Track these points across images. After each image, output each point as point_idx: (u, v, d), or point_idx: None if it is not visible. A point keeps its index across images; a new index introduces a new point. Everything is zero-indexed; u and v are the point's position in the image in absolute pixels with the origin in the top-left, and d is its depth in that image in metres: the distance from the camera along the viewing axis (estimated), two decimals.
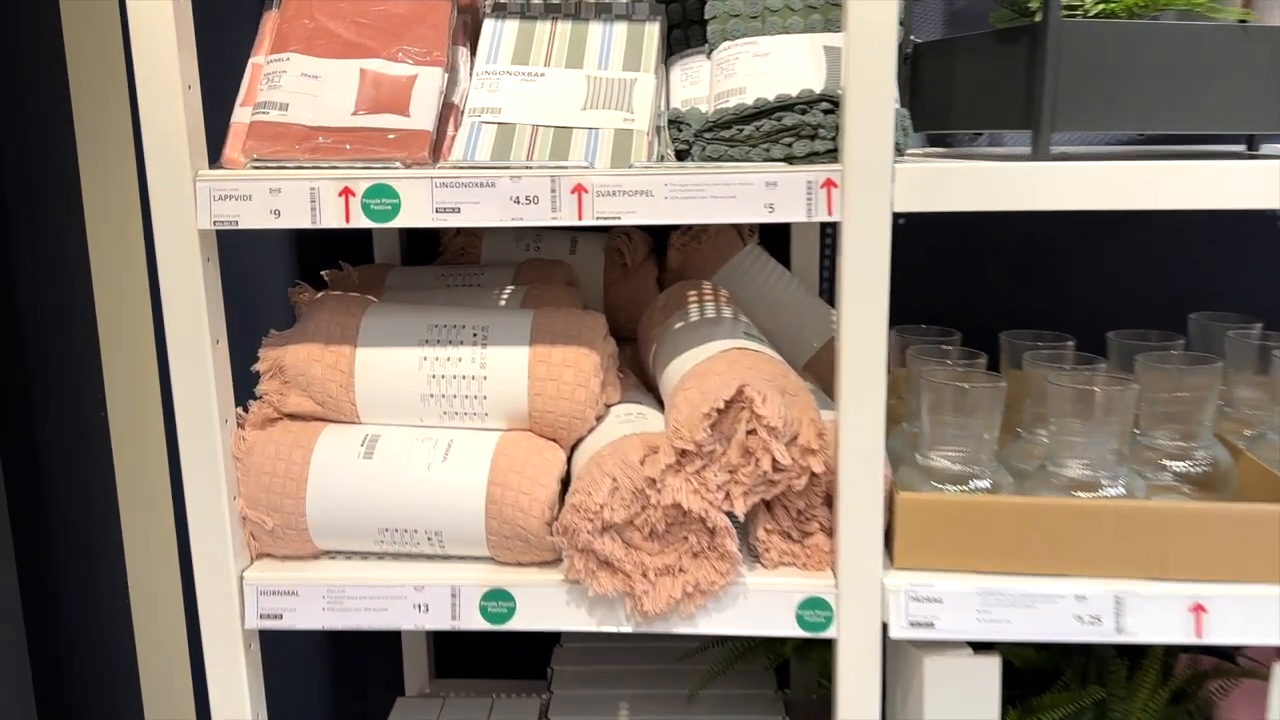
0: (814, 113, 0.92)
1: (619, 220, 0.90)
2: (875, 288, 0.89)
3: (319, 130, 0.96)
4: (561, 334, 1.03)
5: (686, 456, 0.92)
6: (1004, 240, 1.44)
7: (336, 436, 1.01)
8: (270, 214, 0.91)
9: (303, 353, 1.02)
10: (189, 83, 0.91)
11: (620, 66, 1.03)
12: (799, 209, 0.89)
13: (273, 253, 1.51)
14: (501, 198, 0.91)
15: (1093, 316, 1.44)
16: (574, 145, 0.97)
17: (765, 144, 0.93)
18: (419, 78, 0.99)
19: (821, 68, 0.97)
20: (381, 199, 0.91)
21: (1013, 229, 1.42)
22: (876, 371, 0.91)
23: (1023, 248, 1.45)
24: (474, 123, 0.98)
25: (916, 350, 1.13)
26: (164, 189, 0.91)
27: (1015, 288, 1.45)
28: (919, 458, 1.04)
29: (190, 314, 0.94)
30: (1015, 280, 1.46)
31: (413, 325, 1.04)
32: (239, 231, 0.92)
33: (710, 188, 0.89)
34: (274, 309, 1.39)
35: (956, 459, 1.02)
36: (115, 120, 1.46)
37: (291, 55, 0.99)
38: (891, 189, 0.88)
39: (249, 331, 1.05)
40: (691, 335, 1.05)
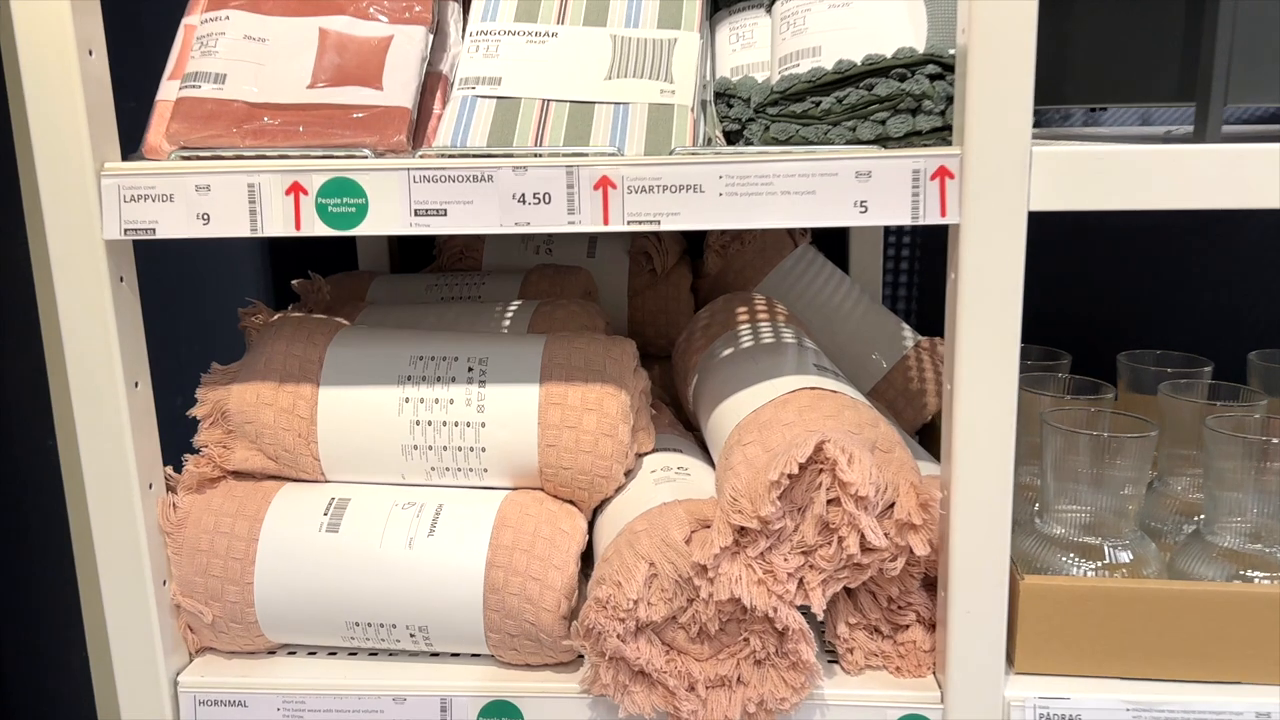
0: (917, 78, 0.69)
1: (657, 225, 0.68)
2: (1004, 313, 0.67)
3: (264, 108, 0.73)
4: (581, 367, 0.80)
5: (747, 535, 0.70)
6: (1109, 234, 1.21)
7: (294, 502, 0.79)
8: (197, 219, 0.69)
9: (251, 394, 0.80)
10: (89, 45, 0.68)
11: (654, 23, 0.80)
12: (901, 208, 0.66)
13: (238, 256, 1.28)
14: (501, 196, 0.68)
15: (1218, 330, 1.21)
16: (597, 125, 0.74)
17: (851, 120, 0.71)
18: (395, 40, 0.76)
19: (921, 19, 0.74)
20: (342, 198, 0.69)
21: (1118, 220, 1.18)
22: (1004, 421, 0.68)
23: (1131, 242, 1.21)
24: (466, 97, 0.76)
25: (1023, 379, 0.90)
26: (57, 187, 0.69)
27: (1121, 294, 1.22)
28: (1037, 521, 0.82)
29: (96, 350, 0.71)
30: (1120, 283, 1.22)
31: (391, 357, 0.81)
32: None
33: (780, 180, 0.67)
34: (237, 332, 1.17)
35: (1089, 525, 0.80)
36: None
37: (232, 13, 0.76)
38: (1028, 181, 0.65)
39: (203, 363, 0.84)
40: (747, 368, 0.82)
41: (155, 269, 0.73)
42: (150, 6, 1.00)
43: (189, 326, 1.25)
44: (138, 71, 0.84)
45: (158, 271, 0.74)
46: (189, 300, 1.19)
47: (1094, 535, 0.79)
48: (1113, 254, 1.21)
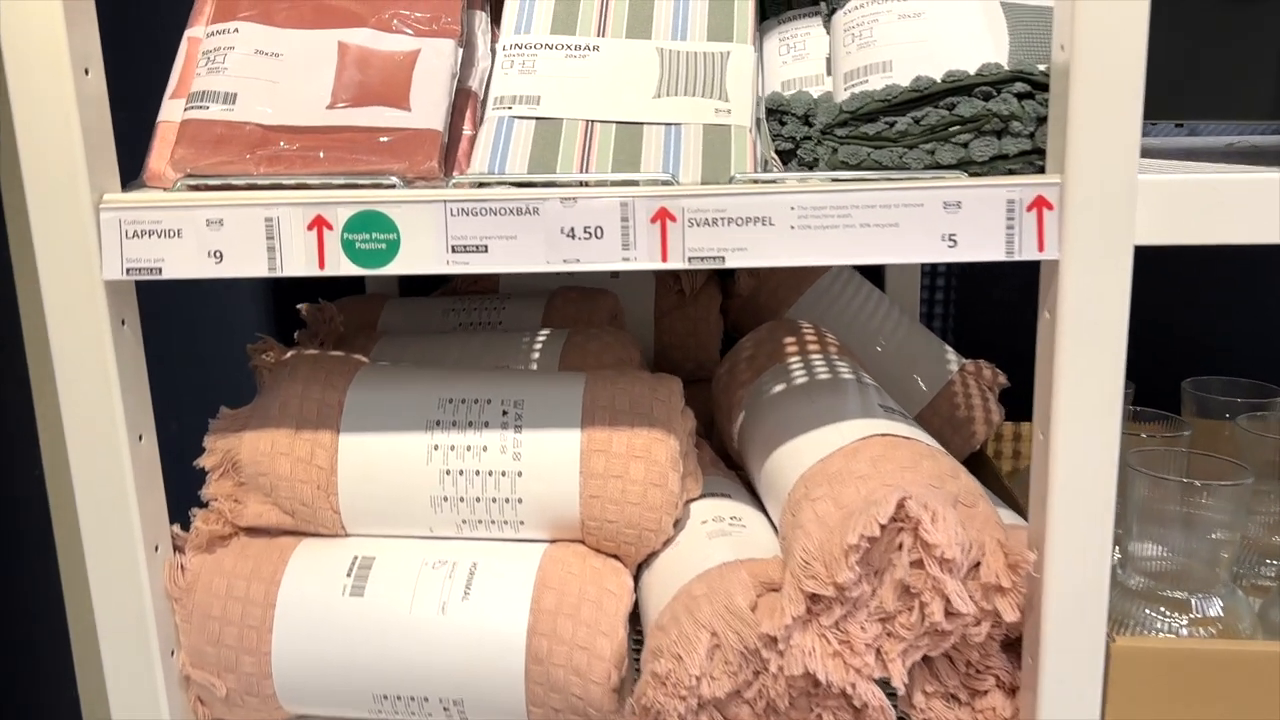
0: (1004, 98, 0.63)
1: (722, 262, 0.61)
2: (1107, 359, 0.60)
3: (280, 131, 0.66)
4: (626, 410, 0.74)
5: (821, 602, 0.63)
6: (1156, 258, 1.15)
7: (313, 561, 0.72)
8: (209, 257, 0.62)
9: (265, 442, 0.73)
10: (85, 63, 0.61)
11: (704, 35, 0.73)
12: (994, 242, 0.60)
13: (244, 281, 1.21)
14: (549, 230, 0.61)
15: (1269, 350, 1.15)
16: (647, 149, 0.67)
17: (929, 143, 0.64)
18: (422, 54, 0.69)
19: (1001, 32, 0.67)
20: (371, 233, 0.62)
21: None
22: (1105, 476, 0.62)
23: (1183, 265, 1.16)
24: (502, 117, 0.69)
25: None
26: (50, 222, 0.62)
27: (1178, 318, 1.16)
28: (1117, 572, 0.75)
29: (96, 401, 0.64)
30: (1176, 307, 1.16)
31: (418, 400, 0.74)
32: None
33: (859, 212, 0.60)
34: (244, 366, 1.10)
35: (1175, 576, 0.74)
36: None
37: (241, 25, 0.69)
38: (1134, 213, 0.59)
39: (204, 402, 0.77)
40: (804, 409, 0.76)
41: (142, 287, 0.66)
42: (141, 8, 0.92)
43: (180, 345, 1.17)
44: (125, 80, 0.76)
45: (143, 290, 0.66)
46: (178, 319, 1.12)
47: (1181, 588, 0.74)
48: (1167, 277, 1.15)
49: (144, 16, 0.92)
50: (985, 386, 1.06)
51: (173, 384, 0.98)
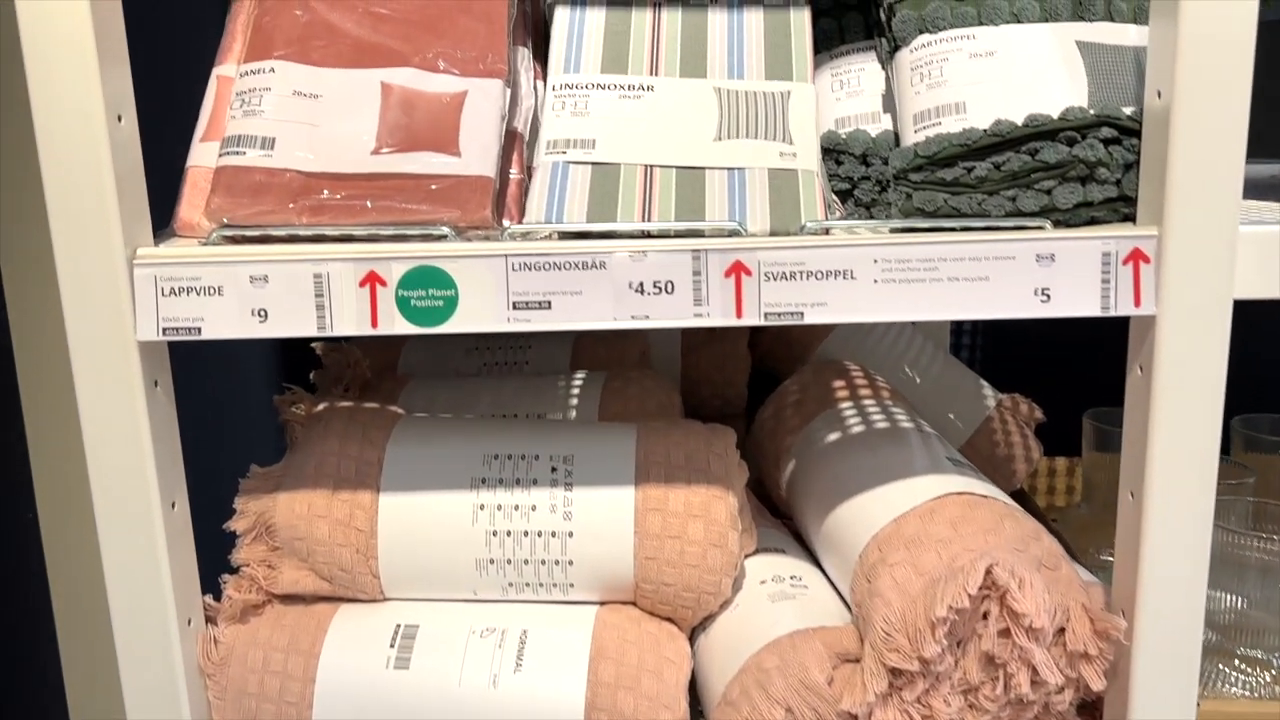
0: (1090, 143, 0.60)
1: (800, 318, 0.58)
2: (1205, 417, 0.57)
3: (323, 179, 0.62)
4: (682, 465, 0.70)
5: (903, 676, 0.60)
6: None
7: (353, 631, 0.68)
8: (252, 316, 0.58)
9: (301, 504, 0.68)
10: (119, 109, 0.57)
11: (761, 73, 0.70)
12: (1089, 297, 0.57)
13: None
14: (616, 285, 0.58)
15: None
16: (711, 195, 0.64)
17: (1010, 190, 0.61)
18: (469, 96, 0.66)
19: (1080, 73, 0.64)
20: (428, 290, 0.58)
21: None
22: (1199, 538, 0.59)
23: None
24: (557, 163, 0.65)
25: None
26: (81, 279, 0.57)
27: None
28: None
29: (127, 467, 0.60)
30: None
31: (461, 456, 0.71)
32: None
33: (947, 265, 0.57)
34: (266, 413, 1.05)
35: (1255, 632, 0.71)
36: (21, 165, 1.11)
37: (277, 64, 0.65)
38: (1234, 266, 0.56)
39: (223, 452, 0.72)
40: (865, 462, 0.73)
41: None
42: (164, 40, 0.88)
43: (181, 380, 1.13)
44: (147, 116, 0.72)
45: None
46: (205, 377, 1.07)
47: (1259, 645, 0.71)
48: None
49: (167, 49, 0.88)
50: (1022, 422, 1.03)
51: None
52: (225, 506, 0.70)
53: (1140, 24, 0.66)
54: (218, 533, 0.70)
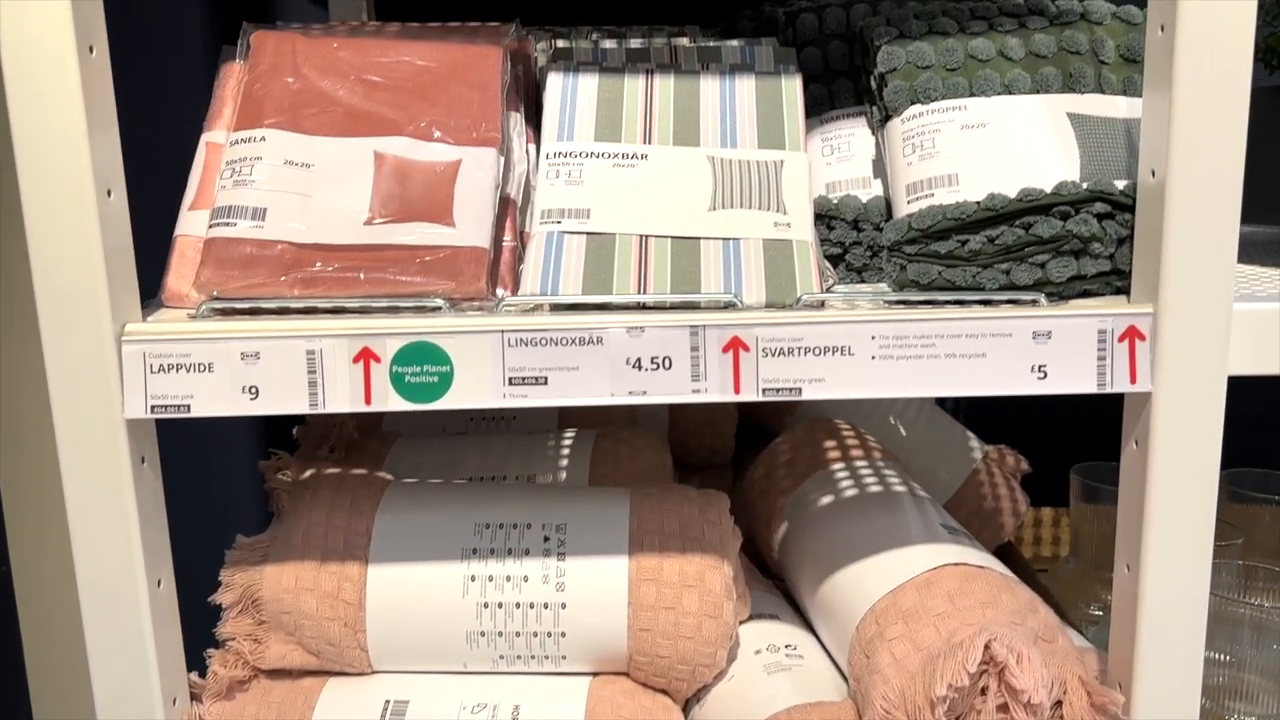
0: (1083, 217, 0.60)
1: (800, 393, 0.58)
2: (1199, 492, 0.58)
3: (315, 250, 0.62)
4: (676, 534, 0.69)
5: None
6: None
7: (342, 705, 0.67)
8: (243, 393, 0.57)
9: (288, 577, 0.67)
10: (108, 184, 0.56)
11: (754, 142, 0.70)
12: (1085, 374, 0.57)
13: None
14: (613, 360, 0.57)
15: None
16: (706, 266, 0.64)
17: (1005, 263, 0.61)
18: (464, 165, 0.65)
19: (1071, 145, 0.65)
20: (422, 366, 0.57)
21: None
22: (1196, 612, 0.59)
23: None
24: (552, 233, 0.65)
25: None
26: (68, 356, 0.56)
27: None
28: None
29: (113, 545, 0.59)
30: None
31: (451, 525, 0.70)
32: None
33: (944, 341, 0.57)
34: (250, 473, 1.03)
35: (1240, 694, 0.71)
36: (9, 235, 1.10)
37: (268, 132, 0.65)
38: (1229, 342, 0.56)
39: (205, 509, 0.71)
40: (860, 528, 0.72)
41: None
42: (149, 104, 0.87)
43: (162, 438, 1.11)
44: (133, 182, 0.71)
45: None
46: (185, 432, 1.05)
47: (1253, 711, 0.71)
48: None
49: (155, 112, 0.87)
50: (1009, 474, 1.03)
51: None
52: (209, 570, 0.69)
53: (1130, 96, 0.67)
54: (201, 602, 0.69)
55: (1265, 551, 0.99)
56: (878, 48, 0.70)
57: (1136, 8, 0.71)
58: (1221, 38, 0.53)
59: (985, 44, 0.69)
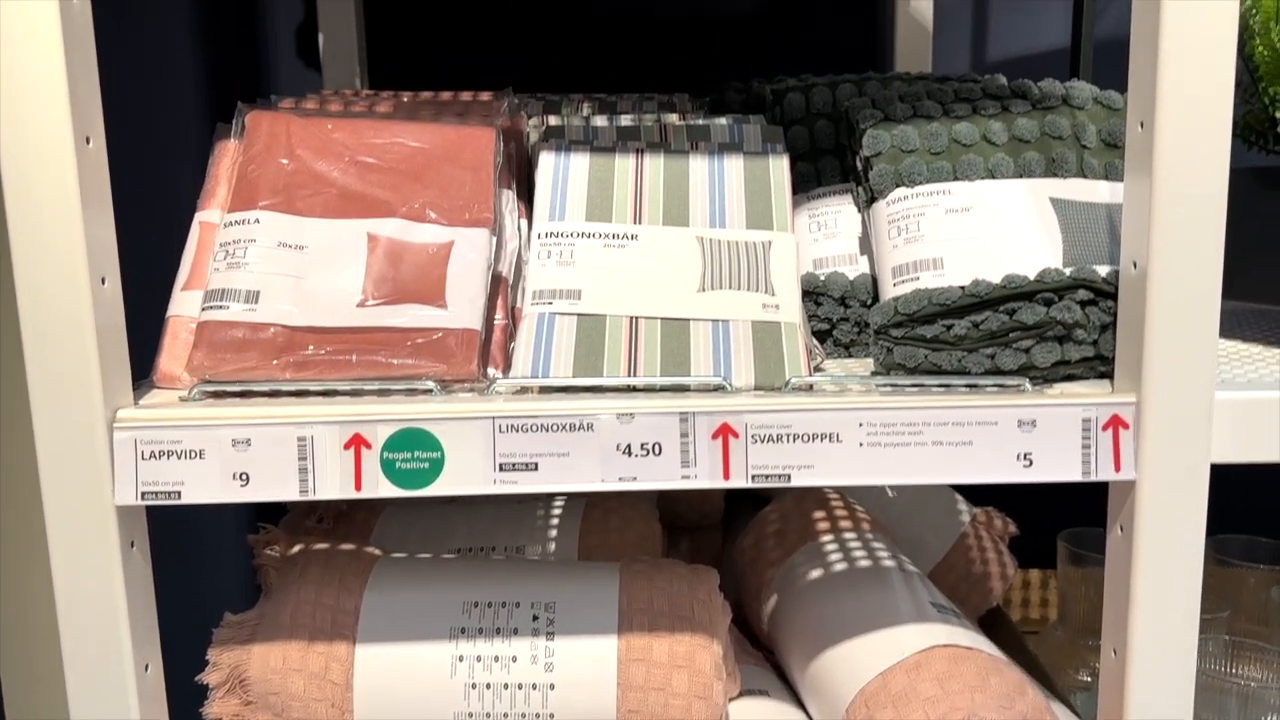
0: (1066, 305, 0.61)
1: (789, 480, 0.58)
2: (1183, 579, 0.58)
3: (308, 334, 0.62)
4: (665, 612, 0.69)
5: None
6: None
7: None
8: (234, 479, 0.57)
9: (276, 656, 0.67)
10: (103, 273, 0.57)
11: (743, 222, 0.71)
12: (1070, 462, 0.58)
13: None
14: (603, 447, 0.58)
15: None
16: (695, 348, 0.64)
17: (990, 348, 0.62)
18: (456, 246, 0.66)
19: (1054, 230, 0.66)
20: (413, 452, 0.58)
21: None
22: (1183, 693, 0.60)
23: None
24: (543, 314, 0.66)
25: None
26: (58, 443, 0.56)
27: None
28: None
29: (100, 630, 0.58)
30: None
31: (440, 604, 0.70)
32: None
33: (931, 429, 0.58)
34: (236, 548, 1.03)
35: None
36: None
37: (262, 215, 0.65)
38: (1210, 432, 0.57)
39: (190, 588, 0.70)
40: (849, 605, 0.72)
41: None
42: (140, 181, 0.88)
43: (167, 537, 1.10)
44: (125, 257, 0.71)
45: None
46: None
47: None
48: None
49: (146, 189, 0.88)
50: (997, 537, 1.04)
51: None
52: (196, 644, 0.69)
53: (1112, 180, 0.69)
54: (188, 679, 0.68)
55: (1251, 616, 0.99)
56: (863, 130, 0.71)
57: (1117, 93, 0.72)
58: (1200, 134, 0.54)
59: (969, 128, 0.70)
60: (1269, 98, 0.77)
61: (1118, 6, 1.16)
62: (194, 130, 1.13)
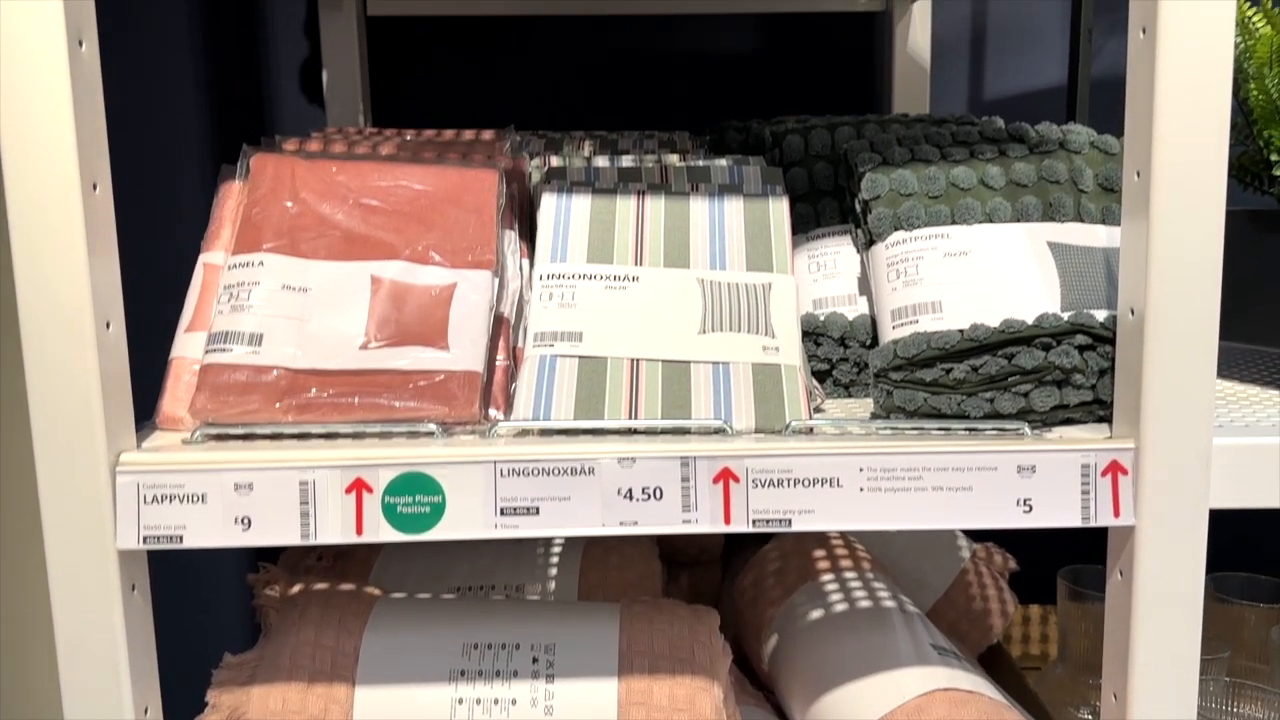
0: (1064, 349, 0.61)
1: (789, 525, 0.58)
2: (1184, 626, 0.58)
3: (310, 376, 0.62)
4: (665, 655, 0.69)
5: None
6: None
7: None
8: (236, 524, 0.57)
9: (276, 699, 0.67)
10: (107, 317, 0.57)
11: (743, 264, 0.72)
12: (1070, 507, 0.58)
13: None
14: (604, 491, 0.58)
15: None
16: (696, 390, 0.65)
17: (989, 391, 0.63)
18: (459, 288, 0.67)
19: (1051, 274, 0.67)
20: (414, 496, 0.58)
21: None
22: None
23: None
24: (544, 356, 0.66)
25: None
26: (61, 486, 0.57)
27: None
28: None
29: (101, 673, 0.58)
30: None
31: (439, 646, 0.69)
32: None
33: (931, 475, 0.58)
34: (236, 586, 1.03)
35: None
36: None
37: (267, 258, 0.66)
38: (1209, 476, 0.57)
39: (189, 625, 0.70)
40: (850, 647, 0.72)
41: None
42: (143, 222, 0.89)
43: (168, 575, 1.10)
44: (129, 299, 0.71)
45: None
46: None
47: None
48: None
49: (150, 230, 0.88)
50: (997, 573, 1.04)
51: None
52: (197, 683, 0.69)
53: (1109, 224, 0.69)
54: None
55: (1251, 653, 0.99)
56: (861, 174, 0.72)
57: (1114, 138, 0.73)
58: (1196, 185, 0.55)
59: (967, 172, 0.71)
60: (1263, 140, 0.78)
61: (1114, 45, 1.17)
62: (198, 169, 1.14)
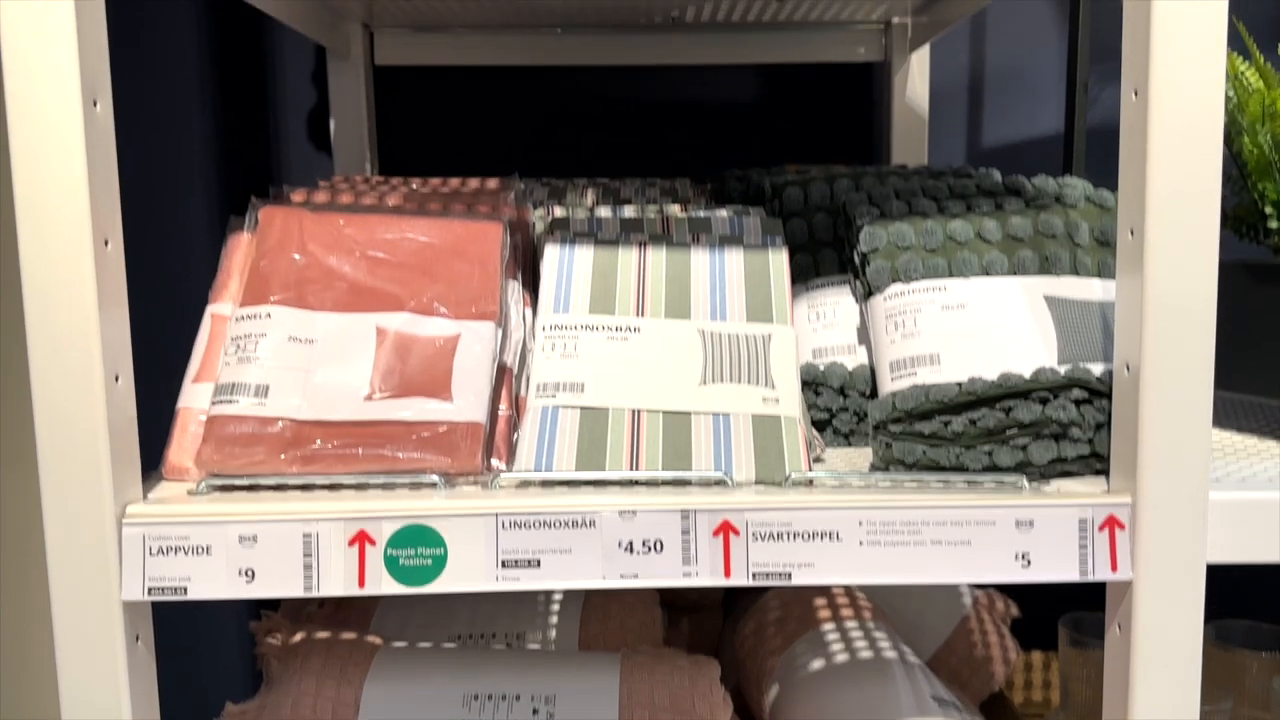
0: (1061, 403, 0.62)
1: (789, 579, 0.59)
2: (1182, 679, 0.58)
3: (315, 428, 0.63)
4: (666, 705, 0.69)
5: None
6: None
7: None
8: (240, 575, 0.58)
9: None
10: (116, 369, 0.58)
11: (743, 315, 0.72)
12: (1068, 562, 0.58)
13: None
14: (605, 544, 0.59)
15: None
16: (697, 442, 0.65)
17: (987, 444, 0.63)
18: (463, 339, 0.67)
19: (1048, 328, 0.68)
20: (417, 549, 0.58)
21: None
22: None
23: None
24: (546, 407, 0.67)
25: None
26: (68, 538, 0.57)
27: None
28: None
29: None
30: None
31: (440, 696, 0.70)
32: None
33: (930, 529, 0.58)
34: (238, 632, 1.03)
35: None
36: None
37: (274, 310, 0.67)
38: (1206, 531, 0.58)
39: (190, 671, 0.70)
40: (851, 697, 0.72)
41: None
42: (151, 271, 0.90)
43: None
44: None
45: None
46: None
47: None
48: None
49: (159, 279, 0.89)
50: (999, 620, 1.03)
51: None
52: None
53: (1105, 278, 0.70)
54: None
55: (1254, 701, 0.99)
56: (860, 227, 0.73)
57: (1110, 192, 0.74)
58: (1189, 243, 0.56)
59: (963, 226, 0.72)
60: (1257, 192, 0.79)
61: (1110, 94, 1.19)
62: (207, 219, 1.15)
